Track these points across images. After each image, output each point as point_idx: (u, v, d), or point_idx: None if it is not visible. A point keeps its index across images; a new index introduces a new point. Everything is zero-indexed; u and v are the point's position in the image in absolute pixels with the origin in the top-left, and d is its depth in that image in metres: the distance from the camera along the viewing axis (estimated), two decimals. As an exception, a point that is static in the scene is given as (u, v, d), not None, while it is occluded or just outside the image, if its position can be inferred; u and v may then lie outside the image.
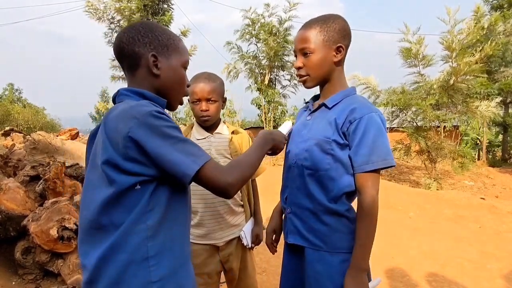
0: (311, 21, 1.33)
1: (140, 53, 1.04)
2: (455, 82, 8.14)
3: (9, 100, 31.12)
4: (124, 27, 1.09)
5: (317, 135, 1.31)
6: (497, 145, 19.59)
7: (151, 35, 1.05)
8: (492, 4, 14.66)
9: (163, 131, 0.89)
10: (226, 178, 0.93)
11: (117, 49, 1.07)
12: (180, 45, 1.11)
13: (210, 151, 1.77)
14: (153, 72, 1.05)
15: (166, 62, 1.07)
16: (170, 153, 0.89)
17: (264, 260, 3.27)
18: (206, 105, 1.73)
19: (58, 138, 4.08)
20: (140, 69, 1.05)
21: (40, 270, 2.82)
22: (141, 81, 1.06)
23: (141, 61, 1.04)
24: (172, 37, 1.09)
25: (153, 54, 1.04)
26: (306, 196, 1.32)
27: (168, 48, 1.08)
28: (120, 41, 1.05)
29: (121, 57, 1.07)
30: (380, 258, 3.54)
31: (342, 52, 1.30)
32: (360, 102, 1.29)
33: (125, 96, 1.03)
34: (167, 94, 1.10)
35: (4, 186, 2.91)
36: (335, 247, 1.28)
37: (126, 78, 1.11)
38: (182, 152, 0.90)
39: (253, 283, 1.88)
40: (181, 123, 16.13)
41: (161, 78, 1.07)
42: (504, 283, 3.09)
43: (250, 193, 1.89)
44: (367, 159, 1.21)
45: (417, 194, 6.62)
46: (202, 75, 1.77)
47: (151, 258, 0.92)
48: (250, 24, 11.80)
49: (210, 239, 1.76)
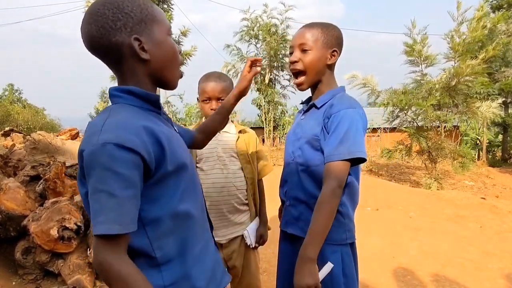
0: (314, 23, 1.44)
1: (119, 43, 0.88)
2: (457, 83, 8.14)
3: (9, 101, 31.14)
4: (84, 16, 0.90)
5: (308, 133, 1.40)
6: (497, 145, 19.61)
7: (121, 15, 0.87)
8: (492, 4, 14.67)
9: (102, 175, 0.78)
10: (100, 259, 0.79)
11: (90, 45, 0.90)
12: (156, 12, 0.94)
13: (217, 149, 1.78)
14: (142, 58, 0.91)
15: (150, 40, 0.92)
16: (93, 200, 0.79)
17: (265, 260, 3.26)
18: (217, 104, 1.74)
19: (58, 138, 4.07)
20: (126, 61, 0.91)
21: (40, 270, 2.82)
22: (132, 73, 0.93)
23: (124, 50, 0.89)
24: (145, 7, 0.92)
25: (136, 37, 0.89)
26: (301, 190, 1.41)
27: (145, 22, 0.91)
28: (90, 36, 0.88)
29: (99, 53, 0.91)
30: (381, 258, 3.53)
31: (336, 56, 1.41)
32: (340, 100, 1.36)
33: (116, 98, 0.93)
34: (164, 76, 0.98)
35: (4, 186, 2.91)
36: (327, 239, 1.31)
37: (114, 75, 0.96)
38: (99, 207, 0.78)
39: (256, 282, 1.88)
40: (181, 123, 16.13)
41: (153, 61, 0.93)
42: (505, 283, 3.09)
43: (256, 192, 1.89)
44: (333, 150, 1.27)
45: (418, 194, 6.61)
46: (213, 74, 1.78)
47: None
48: (249, 25, 11.81)
49: (213, 236, 1.76)
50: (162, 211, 0.89)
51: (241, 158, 1.81)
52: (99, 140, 0.79)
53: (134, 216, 0.81)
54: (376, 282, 3.02)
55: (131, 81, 0.94)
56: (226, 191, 1.76)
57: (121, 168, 0.78)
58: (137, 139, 0.81)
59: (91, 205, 0.79)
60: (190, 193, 0.97)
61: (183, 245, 0.93)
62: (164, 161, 0.87)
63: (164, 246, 0.90)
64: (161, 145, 0.87)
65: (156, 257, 0.89)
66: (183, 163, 0.94)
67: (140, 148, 0.81)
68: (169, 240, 0.91)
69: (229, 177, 1.77)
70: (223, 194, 1.76)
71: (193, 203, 0.98)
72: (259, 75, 12.22)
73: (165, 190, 0.89)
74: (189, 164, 0.97)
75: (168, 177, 0.89)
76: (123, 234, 0.79)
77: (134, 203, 0.81)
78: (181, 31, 13.34)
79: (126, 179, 0.79)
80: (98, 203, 0.78)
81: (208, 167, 1.77)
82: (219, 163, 1.77)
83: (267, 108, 12.95)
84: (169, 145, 0.89)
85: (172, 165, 0.89)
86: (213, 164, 1.77)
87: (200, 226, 1.01)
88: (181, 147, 0.98)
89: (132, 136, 0.81)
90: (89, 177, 0.80)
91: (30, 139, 3.54)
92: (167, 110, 13.71)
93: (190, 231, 0.95)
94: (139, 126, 0.84)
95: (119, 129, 0.81)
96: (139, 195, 0.83)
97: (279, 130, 17.02)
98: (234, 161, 1.80)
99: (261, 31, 11.53)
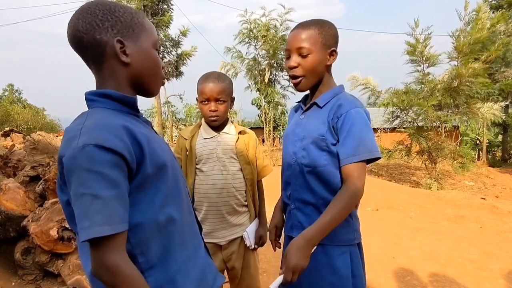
0: (308, 22, 1.36)
1: (103, 41, 0.88)
2: (459, 84, 8.14)
3: (9, 101, 31.11)
4: (75, 12, 0.91)
5: (312, 133, 1.36)
6: (496, 145, 19.61)
7: (111, 17, 0.89)
8: (491, 4, 14.65)
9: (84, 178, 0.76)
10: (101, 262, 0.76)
11: (73, 40, 0.90)
12: (146, 23, 0.96)
13: (216, 150, 1.77)
14: (122, 61, 0.91)
15: (134, 46, 0.92)
16: (77, 206, 0.77)
17: (264, 260, 3.26)
18: (215, 105, 1.72)
19: (58, 138, 4.07)
20: (107, 61, 0.91)
21: (40, 270, 2.81)
22: (111, 74, 0.92)
23: (106, 50, 0.89)
24: (136, 16, 0.94)
25: (119, 40, 0.89)
26: (308, 192, 1.37)
27: (134, 29, 0.93)
28: (75, 30, 0.88)
29: (81, 49, 0.91)
30: (381, 258, 3.53)
31: (335, 56, 1.36)
32: (346, 99, 1.34)
33: (92, 102, 0.91)
34: (143, 83, 0.97)
35: (4, 187, 2.90)
36: (335, 240, 1.32)
37: (93, 74, 0.95)
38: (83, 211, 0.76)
39: (255, 283, 1.87)
40: (180, 123, 16.14)
41: (133, 66, 0.93)
42: (506, 283, 3.08)
43: (256, 193, 1.88)
44: (354, 151, 1.25)
45: (418, 194, 6.61)
46: (212, 75, 1.75)
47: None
48: (247, 27, 11.80)
49: (212, 237, 1.77)
50: (143, 217, 0.87)
51: (240, 159, 1.80)
52: (78, 143, 0.77)
53: (122, 216, 0.78)
54: (376, 282, 3.01)
55: (109, 83, 0.92)
56: (226, 193, 1.75)
57: (103, 168, 0.76)
58: (117, 139, 0.80)
59: (75, 211, 0.77)
60: (173, 196, 0.94)
61: (167, 250, 0.91)
62: (144, 162, 0.85)
63: (146, 251, 0.87)
64: (140, 146, 0.85)
65: (140, 262, 0.86)
66: (163, 164, 0.91)
67: (120, 147, 0.79)
68: (152, 246, 0.88)
69: (228, 179, 1.76)
70: (223, 195, 1.75)
71: (176, 207, 0.95)
72: (259, 75, 12.22)
73: (145, 194, 0.87)
74: (169, 165, 0.94)
75: (148, 180, 0.87)
76: (117, 234, 0.77)
77: (121, 203, 0.78)
78: (181, 31, 13.34)
79: (109, 179, 0.77)
80: (82, 207, 0.75)
81: (208, 168, 1.76)
82: (218, 164, 1.76)
83: (267, 108, 12.94)
84: (148, 146, 0.87)
85: (152, 166, 0.87)
86: (213, 165, 1.76)
87: (188, 230, 0.99)
88: (161, 148, 0.95)
89: (112, 136, 0.79)
90: (70, 183, 0.78)
91: (30, 139, 3.53)
92: (167, 110, 13.68)
93: (174, 235, 0.93)
94: (118, 125, 0.83)
95: (98, 129, 0.80)
96: (125, 195, 0.80)
97: (279, 130, 17.03)
98: (234, 162, 1.79)
99: (260, 31, 11.52)
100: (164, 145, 1.00)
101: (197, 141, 1.80)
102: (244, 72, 12.42)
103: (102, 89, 0.93)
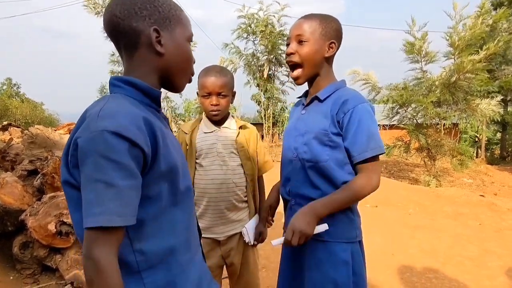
0: (312, 14, 1.39)
1: (139, 29, 0.88)
2: (457, 79, 8.12)
3: (7, 95, 31.01)
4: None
5: (314, 128, 1.35)
6: (495, 143, 19.66)
7: (149, 6, 0.89)
8: (492, 1, 14.61)
9: (100, 164, 0.73)
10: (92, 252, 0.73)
11: (109, 25, 0.89)
12: (183, 16, 0.96)
13: (216, 145, 1.75)
14: (156, 50, 0.90)
15: (169, 37, 0.92)
16: (88, 190, 0.74)
17: (264, 256, 3.25)
18: (217, 99, 1.70)
19: (56, 132, 4.04)
20: (139, 49, 0.90)
21: (38, 265, 2.80)
22: (141, 63, 0.91)
23: (141, 38, 0.88)
24: (174, 8, 0.94)
25: (155, 29, 0.89)
26: (310, 187, 1.36)
27: (170, 21, 0.92)
28: (113, 15, 0.88)
29: (115, 34, 0.90)
30: (380, 255, 3.53)
31: (334, 49, 1.37)
32: (351, 94, 1.34)
33: (116, 87, 0.89)
34: (173, 75, 0.96)
35: (1, 181, 2.88)
36: (337, 237, 1.33)
37: (122, 61, 0.95)
38: (95, 197, 0.73)
39: (255, 279, 1.86)
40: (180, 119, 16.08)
41: (166, 57, 0.92)
42: (505, 280, 3.08)
43: (256, 189, 1.87)
44: (366, 146, 1.27)
45: (417, 191, 6.61)
46: (214, 68, 1.73)
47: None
48: (246, 22, 11.76)
49: (211, 232, 1.75)
50: (147, 213, 0.83)
51: (241, 155, 1.78)
52: (97, 127, 0.75)
53: (134, 208, 0.76)
54: (375, 279, 3.01)
55: (138, 71, 0.91)
56: (225, 188, 1.73)
57: (121, 157, 0.74)
58: (136, 129, 0.78)
59: (85, 195, 0.74)
60: (182, 196, 0.92)
61: (171, 251, 0.88)
62: (157, 158, 0.83)
63: (147, 250, 0.84)
64: (156, 141, 0.83)
65: (137, 260, 0.83)
66: (175, 165, 0.88)
67: (140, 139, 0.77)
68: (154, 245, 0.85)
69: (228, 174, 1.74)
70: (222, 191, 1.73)
71: (184, 207, 0.93)
72: (258, 71, 12.19)
73: (153, 192, 0.84)
74: (180, 165, 0.91)
75: (158, 177, 0.84)
76: (118, 229, 0.74)
77: (135, 194, 0.77)
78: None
79: (126, 169, 0.75)
80: (94, 193, 0.73)
81: (207, 163, 1.74)
82: (218, 159, 1.74)
83: (267, 104, 12.91)
84: (163, 142, 0.85)
85: (165, 164, 0.84)
86: (212, 160, 1.74)
87: (190, 233, 0.97)
88: (175, 149, 0.93)
89: (132, 126, 0.77)
90: (83, 166, 0.75)
91: (28, 133, 3.51)
92: (166, 105, 13.63)
93: (179, 236, 0.91)
94: (139, 115, 0.81)
95: (118, 116, 0.77)
96: (139, 187, 0.78)
97: (278, 126, 17.00)
98: (234, 157, 1.78)
99: (258, 26, 11.47)
100: (178, 146, 0.98)
101: (198, 135, 1.78)
102: (243, 68, 12.40)
103: (129, 76, 0.91)
